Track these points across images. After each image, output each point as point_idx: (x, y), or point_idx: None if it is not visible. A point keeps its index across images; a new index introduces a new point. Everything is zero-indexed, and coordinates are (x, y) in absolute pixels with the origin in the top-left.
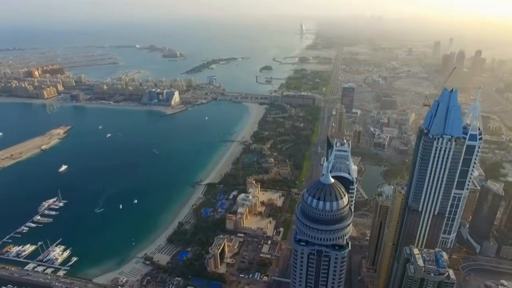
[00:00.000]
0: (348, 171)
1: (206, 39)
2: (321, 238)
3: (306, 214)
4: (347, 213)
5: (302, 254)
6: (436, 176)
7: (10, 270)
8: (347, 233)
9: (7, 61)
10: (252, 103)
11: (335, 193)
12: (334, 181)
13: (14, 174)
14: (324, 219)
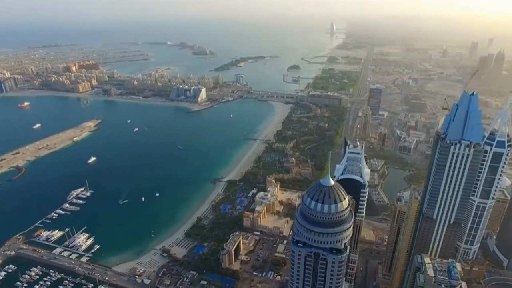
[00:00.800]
0: (360, 174)
1: (236, 37)
2: (318, 241)
3: (304, 215)
4: (346, 217)
5: (299, 256)
6: (453, 183)
7: (39, 253)
8: (346, 237)
9: (49, 56)
10: (278, 102)
11: (335, 196)
12: (335, 183)
13: (48, 163)
14: (321, 221)
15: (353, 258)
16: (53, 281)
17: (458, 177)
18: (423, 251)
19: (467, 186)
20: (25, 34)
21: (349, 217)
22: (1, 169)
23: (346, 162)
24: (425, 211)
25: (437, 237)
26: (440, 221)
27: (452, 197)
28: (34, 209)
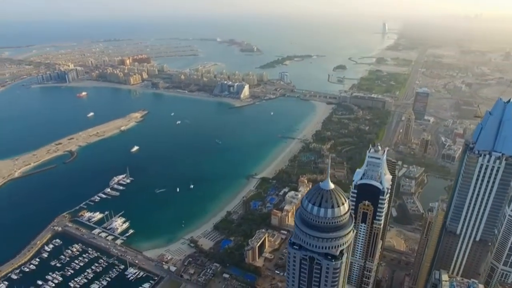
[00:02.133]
0: (380, 180)
1: (285, 35)
2: (313, 245)
3: (302, 217)
4: (345, 223)
5: (294, 258)
6: (480, 197)
7: (81, 232)
8: (343, 243)
9: (108, 50)
10: (320, 101)
11: (333, 200)
12: (335, 187)
13: (96, 149)
14: (317, 225)
15: (369, 266)
16: (90, 258)
17: (487, 191)
18: (445, 267)
19: (496, 201)
20: (89, 29)
21: (348, 223)
22: (57, 152)
23: (366, 167)
24: (448, 225)
25: (461, 254)
26: (464, 237)
27: (479, 212)
28: (80, 191)
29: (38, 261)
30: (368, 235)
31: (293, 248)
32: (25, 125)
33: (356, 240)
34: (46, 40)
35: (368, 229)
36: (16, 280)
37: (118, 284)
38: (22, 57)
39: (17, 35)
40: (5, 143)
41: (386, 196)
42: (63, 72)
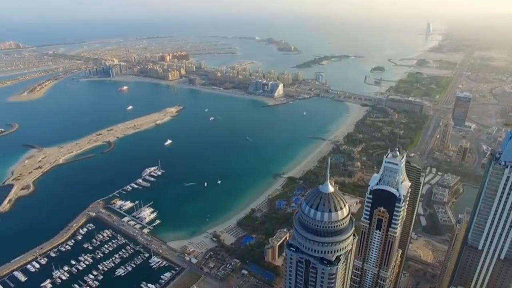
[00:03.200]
0: (397, 186)
1: (323, 35)
2: (309, 248)
3: (299, 220)
4: (343, 228)
5: (291, 260)
6: (505, 212)
7: (112, 218)
8: (340, 249)
9: (150, 47)
10: (354, 103)
11: (331, 204)
12: (335, 190)
13: (132, 142)
14: (313, 228)
15: (383, 275)
16: (118, 244)
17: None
18: (465, 284)
19: None
20: (135, 27)
21: (347, 228)
22: (97, 143)
23: (383, 172)
24: (469, 239)
25: (482, 272)
26: (487, 254)
27: (504, 228)
28: (114, 180)
29: (73, 242)
30: (383, 243)
31: (289, 249)
32: (72, 116)
33: (370, 247)
34: (96, 37)
35: (383, 237)
36: (54, 257)
37: (141, 271)
38: (74, 52)
39: (71, 33)
40: (54, 132)
41: (402, 204)
42: (108, 67)
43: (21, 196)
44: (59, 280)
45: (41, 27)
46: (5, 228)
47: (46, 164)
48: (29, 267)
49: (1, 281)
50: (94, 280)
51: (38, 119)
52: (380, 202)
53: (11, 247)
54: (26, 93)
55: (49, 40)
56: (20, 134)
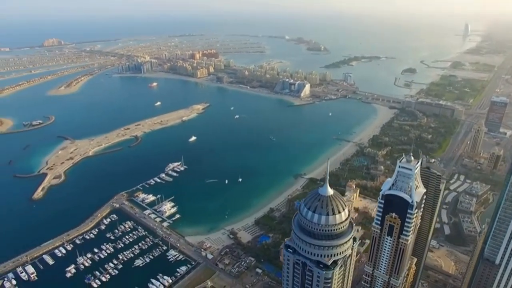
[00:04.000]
0: (410, 192)
1: (355, 35)
2: (305, 250)
3: (297, 221)
4: (341, 232)
5: (288, 261)
6: None
7: (134, 210)
8: (337, 253)
9: (182, 44)
10: (382, 105)
11: (328, 207)
12: (334, 193)
13: (157, 137)
14: (310, 231)
15: (394, 283)
16: (138, 236)
17: None
18: None
19: None
20: (168, 25)
21: (346, 232)
22: (125, 137)
23: (396, 177)
24: (486, 252)
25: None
26: (505, 270)
27: None
28: (139, 174)
29: (97, 231)
30: (394, 250)
31: (287, 251)
32: (103, 110)
33: (381, 253)
34: (131, 34)
35: (394, 243)
36: (79, 244)
37: (159, 263)
38: (110, 49)
39: (108, 31)
40: (86, 125)
41: (415, 211)
42: (140, 64)
43: (53, 184)
44: (82, 266)
45: (81, 25)
46: (38, 214)
47: (77, 155)
48: (56, 251)
49: (32, 263)
50: (114, 269)
51: (72, 112)
52: (392, 207)
53: (42, 232)
54: (63, 87)
55: (88, 37)
56: (55, 126)
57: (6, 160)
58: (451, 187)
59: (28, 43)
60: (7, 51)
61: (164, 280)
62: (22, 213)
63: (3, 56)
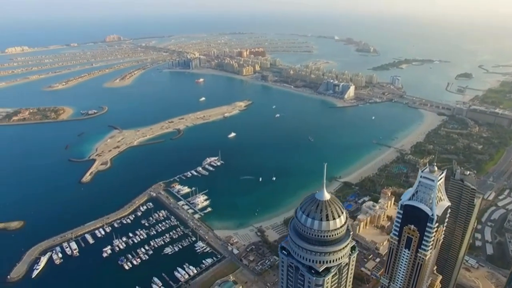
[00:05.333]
0: (430, 205)
1: (407, 37)
2: (298, 254)
3: (293, 225)
4: (336, 238)
5: (282, 263)
6: None
7: (169, 201)
8: (330, 260)
9: (231, 42)
10: (430, 111)
11: (323, 212)
12: (331, 198)
13: (198, 131)
14: (304, 235)
15: None
16: (170, 225)
17: None
18: None
19: None
20: (218, 22)
21: (341, 240)
22: (168, 129)
23: (417, 188)
24: None
25: None
26: None
27: None
28: (177, 166)
29: (133, 217)
30: (411, 264)
31: (281, 252)
32: (151, 102)
33: (397, 266)
34: (184, 31)
35: (412, 257)
36: (116, 228)
37: (186, 253)
38: (163, 45)
39: (163, 27)
40: (134, 116)
41: (435, 224)
42: (189, 60)
43: (100, 170)
44: (117, 248)
45: (139, 22)
46: (84, 196)
47: (123, 144)
48: (96, 232)
49: (76, 240)
50: (145, 254)
51: (123, 104)
52: (410, 219)
53: (86, 213)
54: (118, 80)
55: (144, 34)
56: (108, 115)
57: (64, 145)
58: (500, 204)
59: (92, 38)
60: (75, 46)
61: (190, 270)
62: (72, 194)
63: (72, 51)
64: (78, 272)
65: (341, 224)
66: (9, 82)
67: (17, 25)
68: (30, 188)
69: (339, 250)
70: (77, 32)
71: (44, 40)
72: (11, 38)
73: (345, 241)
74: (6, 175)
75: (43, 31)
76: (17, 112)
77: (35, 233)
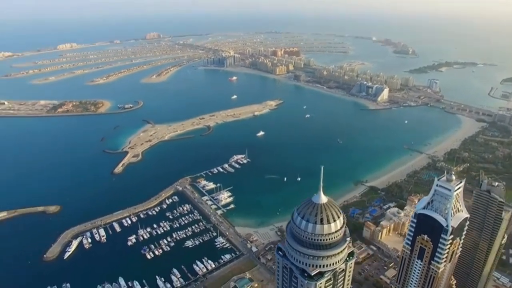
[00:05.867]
0: (446, 215)
1: (450, 39)
2: (292, 256)
3: (290, 227)
4: (331, 242)
5: (278, 264)
6: None
7: (194, 195)
8: (323, 265)
9: (266, 41)
10: (468, 117)
11: (317, 216)
12: (328, 201)
13: (227, 129)
14: (298, 237)
15: None
16: (193, 219)
17: None
18: None
19: None
20: (256, 21)
21: (337, 245)
22: (199, 126)
23: (433, 196)
24: None
25: None
26: None
27: None
28: (204, 161)
29: (158, 209)
30: (424, 275)
31: (278, 253)
32: (184, 99)
33: (409, 276)
34: (221, 29)
35: (424, 268)
36: (142, 218)
37: (206, 247)
38: (200, 43)
39: (202, 25)
40: (167, 111)
41: (450, 236)
42: (223, 58)
43: (131, 162)
44: (141, 238)
45: (179, 20)
46: (115, 186)
47: (154, 138)
48: (123, 221)
49: (104, 227)
50: (167, 245)
51: (158, 99)
52: (424, 229)
53: (115, 202)
54: (155, 76)
55: (182, 31)
56: (142, 110)
57: (100, 137)
58: None
59: (133, 36)
60: (118, 43)
61: (208, 264)
62: (104, 183)
63: (115, 48)
64: (104, 258)
65: (337, 229)
66: (57, 77)
67: (69, 24)
68: (68, 176)
69: (334, 255)
70: (120, 30)
71: (90, 37)
72: (63, 36)
73: (341, 246)
74: (48, 164)
75: (91, 29)
76: (62, 104)
77: (70, 218)
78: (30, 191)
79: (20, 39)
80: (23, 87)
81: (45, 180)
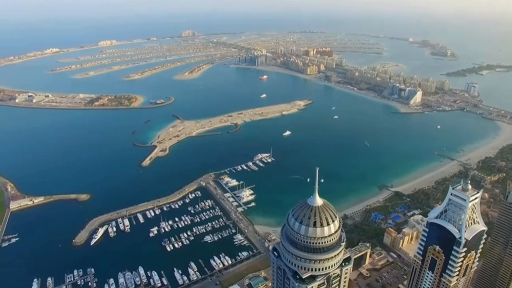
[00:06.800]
0: (459, 226)
1: (495, 40)
2: (286, 258)
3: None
4: (323, 246)
5: (273, 264)
6: None
7: (216, 191)
8: (316, 268)
9: (299, 40)
10: (508, 124)
11: (311, 218)
12: (323, 204)
13: (254, 127)
14: (291, 239)
15: None
16: (214, 215)
17: None
18: None
19: None
20: (288, 21)
21: (331, 248)
22: (226, 123)
23: (447, 206)
24: None
25: None
26: None
27: None
28: (229, 158)
29: (181, 203)
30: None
31: (273, 253)
32: (214, 96)
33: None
34: (255, 28)
35: (436, 281)
36: (165, 211)
37: (224, 244)
38: (233, 41)
39: (236, 24)
40: (196, 108)
41: (463, 249)
42: (255, 57)
43: (159, 156)
44: (163, 230)
45: (215, 18)
46: (142, 179)
47: (182, 134)
48: (147, 213)
49: (129, 218)
50: (186, 239)
51: (188, 96)
52: (436, 239)
53: (141, 194)
54: (187, 73)
55: (217, 30)
56: (173, 106)
57: (131, 130)
58: None
59: (169, 33)
60: (154, 41)
61: (225, 260)
62: (132, 175)
63: (151, 45)
64: (127, 247)
65: (331, 232)
66: (97, 72)
67: (110, 22)
68: (100, 167)
69: (327, 259)
70: (157, 28)
71: (129, 35)
72: (105, 33)
73: (335, 250)
74: (83, 154)
75: (130, 27)
76: (98, 98)
77: (98, 207)
78: (65, 179)
79: (63, 37)
80: (65, 81)
81: (79, 170)
